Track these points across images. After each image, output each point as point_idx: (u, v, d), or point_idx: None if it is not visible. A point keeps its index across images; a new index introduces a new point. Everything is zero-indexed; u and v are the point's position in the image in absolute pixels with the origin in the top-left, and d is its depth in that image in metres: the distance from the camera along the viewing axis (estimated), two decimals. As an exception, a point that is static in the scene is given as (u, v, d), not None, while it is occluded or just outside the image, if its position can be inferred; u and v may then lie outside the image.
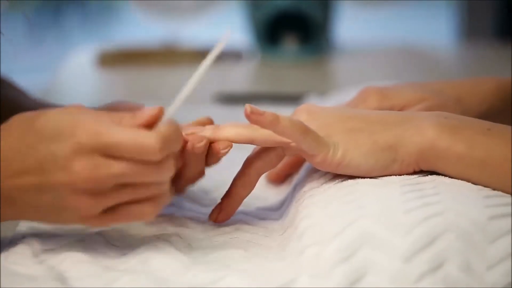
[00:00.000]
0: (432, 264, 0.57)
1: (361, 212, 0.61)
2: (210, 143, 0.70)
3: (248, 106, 0.65)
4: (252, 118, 0.65)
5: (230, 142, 0.70)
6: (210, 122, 0.75)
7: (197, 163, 0.71)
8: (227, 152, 0.70)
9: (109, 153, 0.59)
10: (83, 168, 0.59)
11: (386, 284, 0.57)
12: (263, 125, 0.66)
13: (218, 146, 0.70)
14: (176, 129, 0.61)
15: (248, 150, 0.73)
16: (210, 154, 0.70)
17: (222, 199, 0.72)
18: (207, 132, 0.70)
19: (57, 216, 0.62)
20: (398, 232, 0.59)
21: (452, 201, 0.61)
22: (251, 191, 0.72)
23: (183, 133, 0.69)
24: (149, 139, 0.59)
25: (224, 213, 0.72)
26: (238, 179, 0.71)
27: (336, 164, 0.68)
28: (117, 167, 0.59)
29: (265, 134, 0.69)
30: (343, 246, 0.59)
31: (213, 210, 0.72)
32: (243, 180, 0.71)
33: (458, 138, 0.66)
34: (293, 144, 0.69)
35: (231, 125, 0.70)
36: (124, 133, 0.59)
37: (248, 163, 0.71)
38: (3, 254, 0.66)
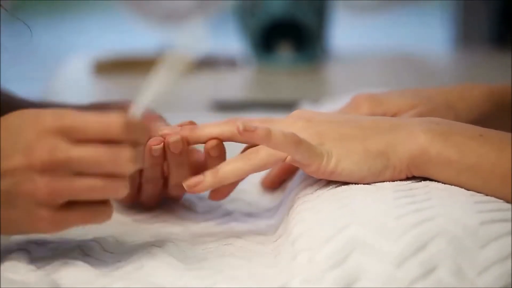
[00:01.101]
0: (423, 269, 0.57)
1: (353, 218, 0.62)
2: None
3: (240, 124, 0.65)
4: (245, 135, 0.65)
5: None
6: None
7: (178, 167, 0.72)
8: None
9: (72, 136, 0.59)
10: (42, 151, 0.59)
11: (378, 289, 0.57)
12: (256, 141, 0.66)
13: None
14: (140, 120, 0.61)
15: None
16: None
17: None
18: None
19: (11, 208, 0.60)
20: (389, 237, 0.59)
21: (444, 207, 0.62)
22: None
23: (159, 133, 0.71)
24: (113, 118, 0.59)
25: (221, 193, 0.73)
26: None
27: (330, 173, 0.68)
28: (77, 151, 0.59)
29: (262, 160, 0.69)
30: (335, 251, 0.59)
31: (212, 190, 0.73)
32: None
33: (449, 144, 0.66)
34: (288, 158, 0.69)
35: (226, 162, 0.70)
36: (88, 116, 0.59)
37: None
38: (-3, 261, 0.66)
